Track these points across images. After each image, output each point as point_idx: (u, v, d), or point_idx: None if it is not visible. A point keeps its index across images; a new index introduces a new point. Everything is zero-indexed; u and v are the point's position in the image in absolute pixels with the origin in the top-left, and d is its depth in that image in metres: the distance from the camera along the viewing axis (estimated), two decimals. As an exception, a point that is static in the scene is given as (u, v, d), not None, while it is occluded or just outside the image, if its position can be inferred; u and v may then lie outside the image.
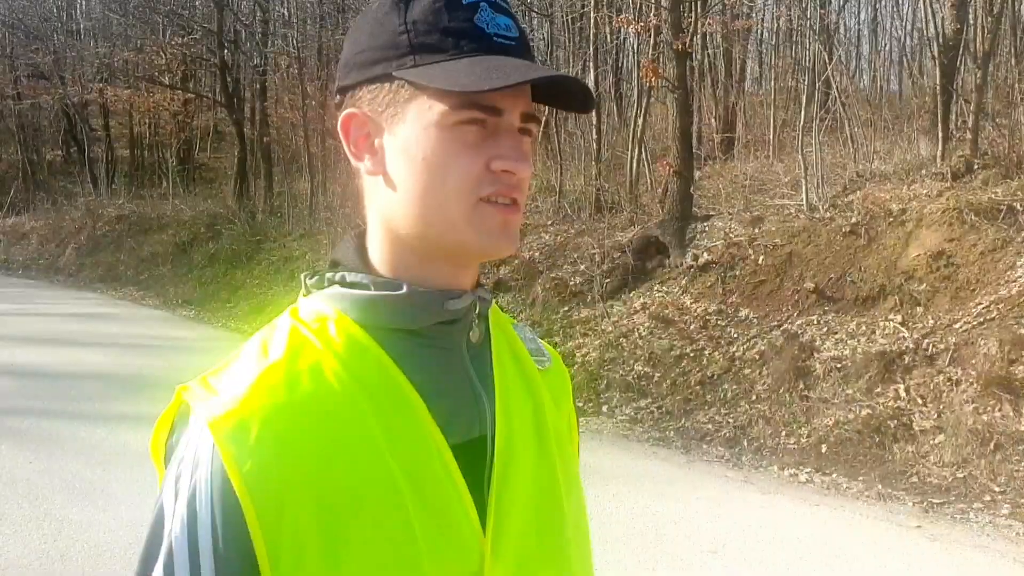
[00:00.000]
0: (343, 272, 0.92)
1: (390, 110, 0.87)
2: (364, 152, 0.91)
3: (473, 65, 0.83)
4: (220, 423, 0.80)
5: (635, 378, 7.70)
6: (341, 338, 0.88)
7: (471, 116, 0.84)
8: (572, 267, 9.75)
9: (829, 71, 10.63)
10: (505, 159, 0.85)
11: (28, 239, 18.68)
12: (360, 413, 0.84)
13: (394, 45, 0.86)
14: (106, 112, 23.63)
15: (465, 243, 0.87)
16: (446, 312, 0.90)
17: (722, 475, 5.71)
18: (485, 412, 0.92)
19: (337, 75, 0.94)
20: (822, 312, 7.56)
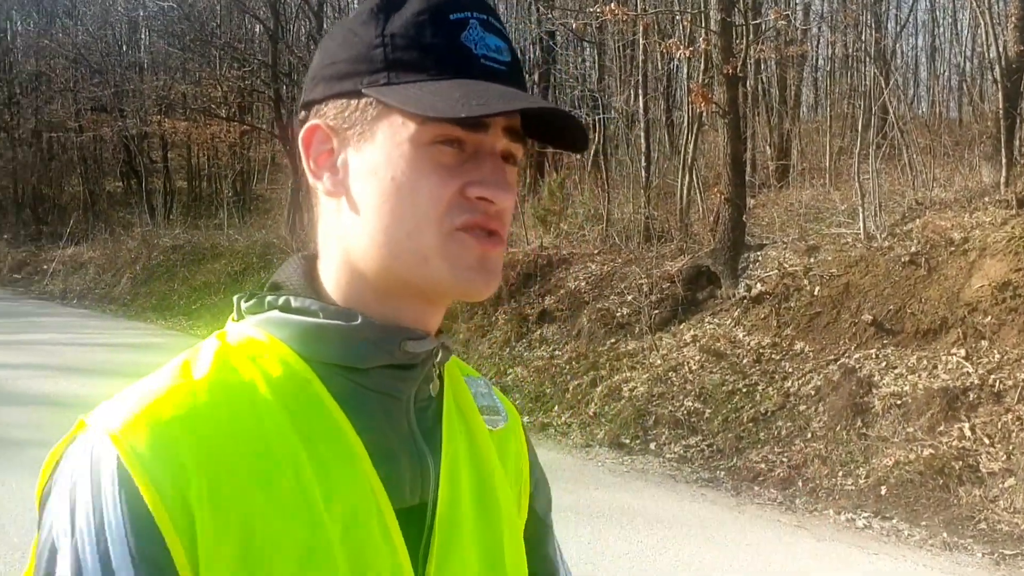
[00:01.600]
0: (287, 296, 0.80)
1: (357, 127, 0.77)
2: (324, 170, 0.80)
3: (452, 89, 0.73)
4: (125, 433, 0.68)
5: (685, 414, 7.44)
6: (275, 365, 0.76)
7: (448, 133, 0.74)
8: (619, 298, 9.52)
9: (886, 96, 10.31)
10: (484, 185, 0.75)
11: (86, 269, 19.03)
12: (293, 454, 0.72)
13: (367, 59, 0.76)
14: (165, 144, 24.10)
15: (436, 279, 0.76)
16: (403, 354, 0.79)
17: (774, 520, 5.41)
18: (429, 476, 0.80)
19: (304, 88, 0.84)
20: (881, 346, 7.22)
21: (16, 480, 5.61)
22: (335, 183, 0.79)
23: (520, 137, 0.79)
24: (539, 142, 0.83)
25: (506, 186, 0.76)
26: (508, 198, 0.77)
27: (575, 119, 0.79)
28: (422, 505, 0.79)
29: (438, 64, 0.75)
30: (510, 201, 0.77)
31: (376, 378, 0.78)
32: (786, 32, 13.38)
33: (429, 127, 0.74)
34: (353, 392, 0.77)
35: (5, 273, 20.40)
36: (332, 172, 0.79)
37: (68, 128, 24.28)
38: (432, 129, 0.74)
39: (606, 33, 15.91)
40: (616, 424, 7.52)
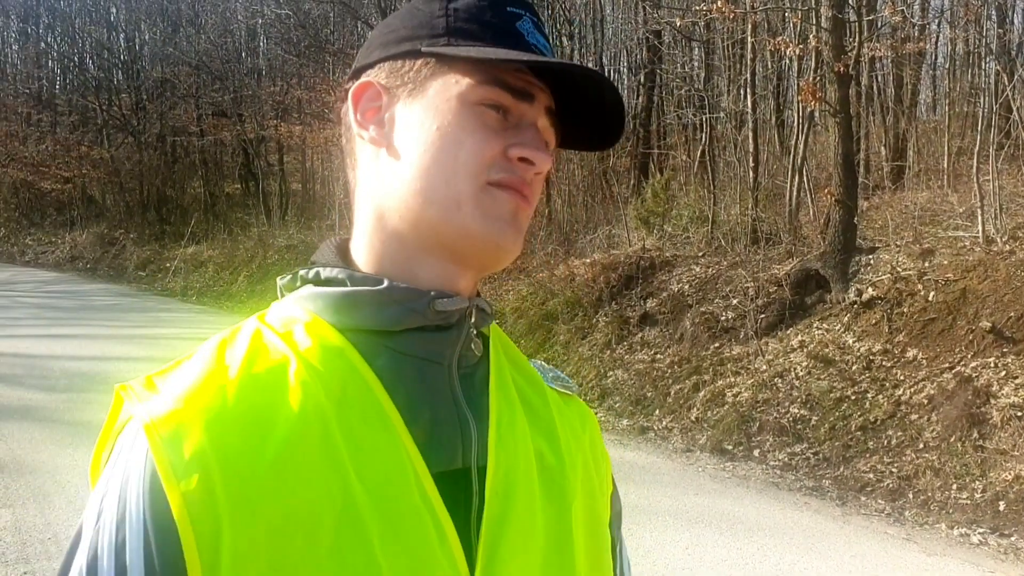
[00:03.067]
0: (317, 268, 0.83)
1: (409, 85, 0.81)
2: (370, 123, 0.84)
3: (509, 51, 0.78)
4: (157, 426, 0.70)
5: (790, 421, 7.26)
6: (311, 341, 0.77)
7: (498, 96, 0.79)
8: (724, 301, 9.36)
9: (1009, 94, 9.83)
10: (525, 147, 0.79)
11: (205, 267, 19.79)
12: (324, 426, 0.72)
13: (429, 26, 0.82)
14: (280, 147, 24.87)
15: (467, 227, 0.78)
16: (434, 314, 0.79)
17: (881, 532, 5.22)
18: (471, 441, 0.79)
19: (357, 58, 0.87)
20: (1000, 354, 6.89)
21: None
22: (380, 134, 0.83)
23: (556, 123, 0.84)
24: (567, 146, 0.88)
25: (546, 151, 0.80)
26: (547, 161, 0.80)
27: (620, 104, 0.83)
28: (466, 471, 0.78)
29: (495, 37, 0.80)
30: (548, 163, 0.80)
31: (412, 342, 0.79)
32: (903, 29, 12.88)
33: (481, 88, 0.78)
34: (389, 358, 0.78)
35: (131, 271, 21.40)
36: (378, 125, 0.83)
37: (190, 132, 25.35)
38: (484, 90, 0.78)
39: (713, 32, 15.67)
40: (719, 430, 7.40)
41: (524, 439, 0.83)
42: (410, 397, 0.77)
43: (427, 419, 0.77)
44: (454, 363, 0.81)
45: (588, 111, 0.84)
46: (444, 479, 0.75)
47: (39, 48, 33.14)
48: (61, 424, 7.00)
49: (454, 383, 0.81)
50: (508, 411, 0.83)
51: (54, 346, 10.75)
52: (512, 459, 0.80)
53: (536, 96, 0.81)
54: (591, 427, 0.95)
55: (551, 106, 0.83)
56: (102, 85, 28.62)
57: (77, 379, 8.70)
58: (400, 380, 0.77)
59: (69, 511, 5.05)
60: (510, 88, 0.79)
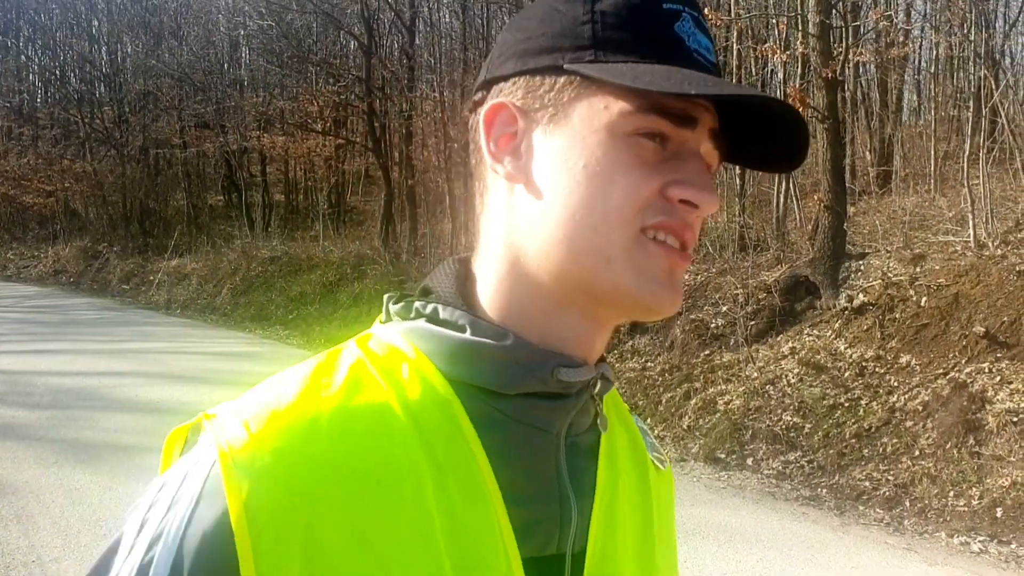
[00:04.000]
0: (436, 305, 0.73)
1: (550, 109, 0.70)
2: (506, 154, 0.72)
3: (668, 71, 0.66)
4: (234, 451, 0.62)
5: (783, 429, 7.20)
6: (418, 388, 0.68)
7: (655, 124, 0.67)
8: (714, 308, 9.32)
9: (996, 98, 9.85)
10: (687, 186, 0.68)
11: (189, 280, 19.64)
12: (419, 491, 0.64)
13: (572, 34, 0.69)
14: (263, 158, 24.76)
15: (619, 287, 0.68)
16: (555, 382, 0.70)
17: (881, 541, 5.17)
18: (570, 522, 0.70)
19: (485, 68, 0.76)
20: (994, 360, 6.86)
21: (123, 486, 5.78)
22: (517, 168, 0.72)
23: (721, 144, 0.72)
24: (737, 163, 0.76)
25: (713, 190, 0.69)
26: (713, 203, 0.69)
27: (800, 119, 0.70)
28: (560, 557, 0.70)
29: (651, 48, 0.68)
30: (715, 206, 0.69)
31: (524, 407, 0.70)
32: (887, 34, 12.93)
33: (635, 116, 0.67)
34: (496, 421, 0.69)
35: (114, 284, 21.22)
36: (514, 156, 0.72)
37: (173, 144, 25.17)
38: (638, 119, 0.67)
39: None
40: (711, 438, 7.33)
41: (625, 518, 0.76)
42: (512, 469, 0.69)
43: (528, 496, 0.69)
44: (563, 432, 0.72)
45: (759, 128, 0.72)
46: (535, 565, 0.68)
47: (20, 61, 32.91)
48: (45, 442, 6.86)
49: (560, 455, 0.72)
50: (613, 487, 0.76)
51: (37, 362, 10.59)
52: (612, 542, 0.73)
53: (700, 119, 0.69)
54: (673, 502, 0.88)
55: (715, 127, 0.71)
56: (84, 98, 28.40)
57: (61, 395, 8.56)
58: (505, 450, 0.69)
59: (53, 532, 4.94)
60: (669, 114, 0.67)
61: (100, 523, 5.09)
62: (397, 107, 19.74)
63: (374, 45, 19.62)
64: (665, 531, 0.82)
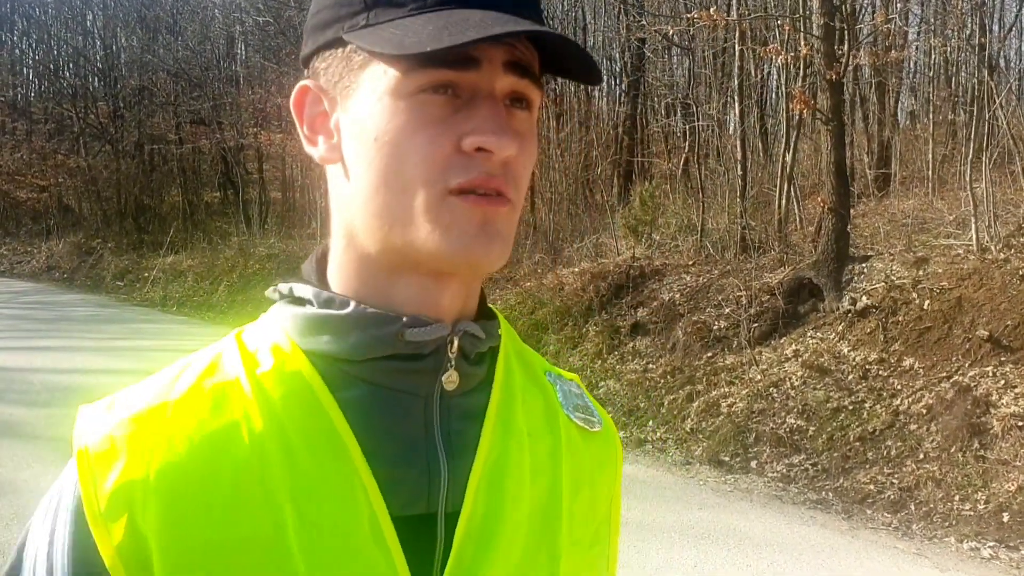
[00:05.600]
0: (292, 284, 0.76)
1: (344, 80, 0.70)
2: (319, 134, 0.74)
3: (427, 22, 0.64)
4: (88, 452, 0.68)
5: (787, 432, 7.19)
6: (270, 363, 0.71)
7: (434, 78, 0.65)
8: (716, 310, 9.30)
9: (999, 102, 9.86)
10: (479, 132, 0.65)
11: (185, 277, 19.54)
12: (261, 454, 0.66)
13: (347, 1, 0.69)
14: (260, 156, 24.67)
15: (430, 248, 0.67)
16: (403, 343, 0.70)
17: (891, 546, 5.14)
18: (439, 482, 0.70)
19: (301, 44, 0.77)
20: (998, 363, 6.86)
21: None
22: (330, 148, 0.73)
23: (529, 74, 0.68)
24: (552, 74, 0.72)
25: (508, 131, 0.65)
26: (510, 144, 0.65)
27: (574, 44, 0.67)
28: (431, 516, 0.70)
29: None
30: (513, 148, 0.66)
31: (379, 371, 0.70)
32: (884, 37, 12.94)
33: (413, 75, 0.65)
34: (354, 387, 0.70)
35: (109, 280, 21.10)
36: (327, 136, 0.73)
37: (169, 141, 25.07)
38: (417, 76, 0.65)
39: (699, 40, 15.67)
40: (715, 441, 7.32)
41: (519, 479, 0.73)
42: (376, 432, 0.69)
43: (392, 456, 0.69)
44: (435, 395, 0.72)
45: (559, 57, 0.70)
46: (406, 523, 0.68)
47: (13, 55, 32.73)
48: (43, 440, 6.80)
49: (430, 417, 0.71)
50: (501, 447, 0.73)
51: (33, 359, 10.52)
52: (496, 502, 0.71)
53: (482, 58, 0.65)
54: (610, 470, 0.84)
55: (516, 58, 0.67)
56: (79, 93, 28.28)
57: (58, 393, 8.49)
58: (367, 413, 0.69)
59: (56, 533, 4.89)
60: (447, 62, 0.64)
61: (103, 523, 5.05)
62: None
63: (372, 43, 19.55)
64: (590, 496, 0.79)
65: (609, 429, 0.85)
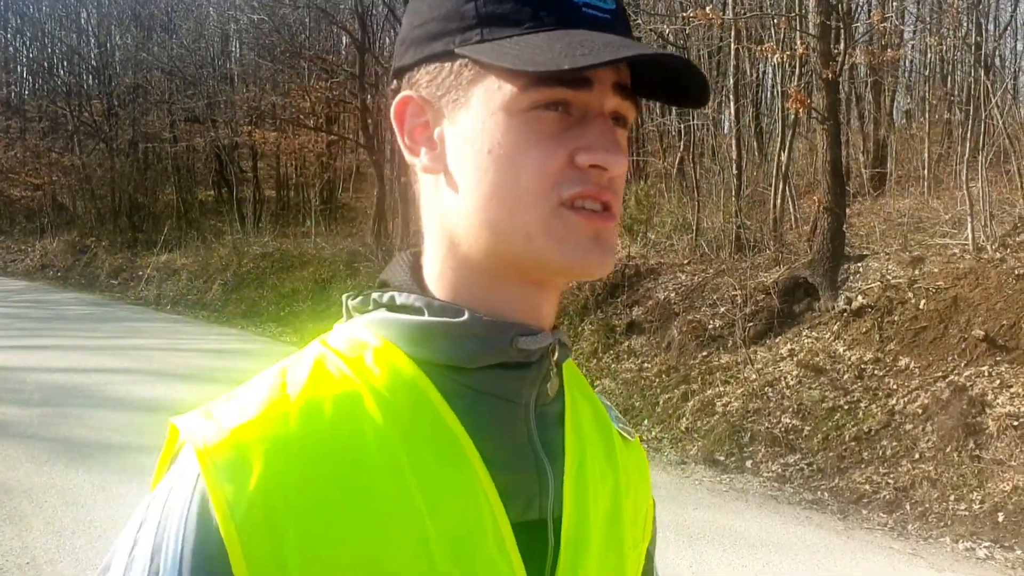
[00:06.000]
0: (392, 292, 0.75)
1: (451, 94, 0.71)
2: (421, 145, 0.75)
3: (552, 41, 0.66)
4: (212, 453, 0.64)
5: (782, 431, 7.17)
6: (381, 370, 0.71)
7: (550, 96, 0.67)
8: (711, 309, 9.28)
9: (995, 101, 9.86)
10: (593, 150, 0.68)
11: (179, 275, 19.49)
12: (394, 462, 0.66)
13: (459, 15, 0.70)
14: (254, 154, 24.61)
15: (544, 259, 0.69)
16: (515, 352, 0.72)
17: (886, 546, 5.13)
18: (548, 489, 0.73)
19: (394, 55, 0.78)
20: (994, 363, 6.85)
21: (114, 485, 5.70)
22: (433, 159, 0.73)
23: (631, 95, 0.71)
24: (652, 99, 0.75)
25: (618, 149, 0.69)
26: (621, 163, 0.69)
27: (695, 67, 0.69)
28: (542, 522, 0.72)
29: (534, 15, 0.68)
30: (623, 166, 0.69)
31: (489, 380, 0.72)
32: (880, 36, 12.93)
33: (528, 92, 0.67)
34: (465, 395, 0.71)
35: (103, 279, 21.04)
36: (429, 147, 0.74)
37: (163, 139, 24.98)
38: (532, 93, 0.67)
39: (692, 39, 15.65)
40: (710, 440, 7.30)
41: (595, 485, 0.77)
42: (489, 439, 0.70)
43: (507, 463, 0.71)
44: (532, 402, 0.74)
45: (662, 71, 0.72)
46: (522, 529, 0.70)
47: (7, 53, 32.61)
48: (37, 440, 6.77)
49: (531, 424, 0.74)
50: (581, 454, 0.77)
51: (27, 358, 10.46)
52: (584, 507, 0.75)
53: (595, 78, 0.68)
54: (646, 476, 0.90)
55: (621, 80, 0.70)
56: (73, 91, 28.17)
57: (52, 392, 8.45)
58: (478, 420, 0.71)
59: (47, 533, 4.86)
60: (563, 81, 0.66)
61: (94, 524, 5.02)
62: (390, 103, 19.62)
63: (368, 41, 19.52)
64: (634, 500, 0.84)
65: (637, 439, 0.90)
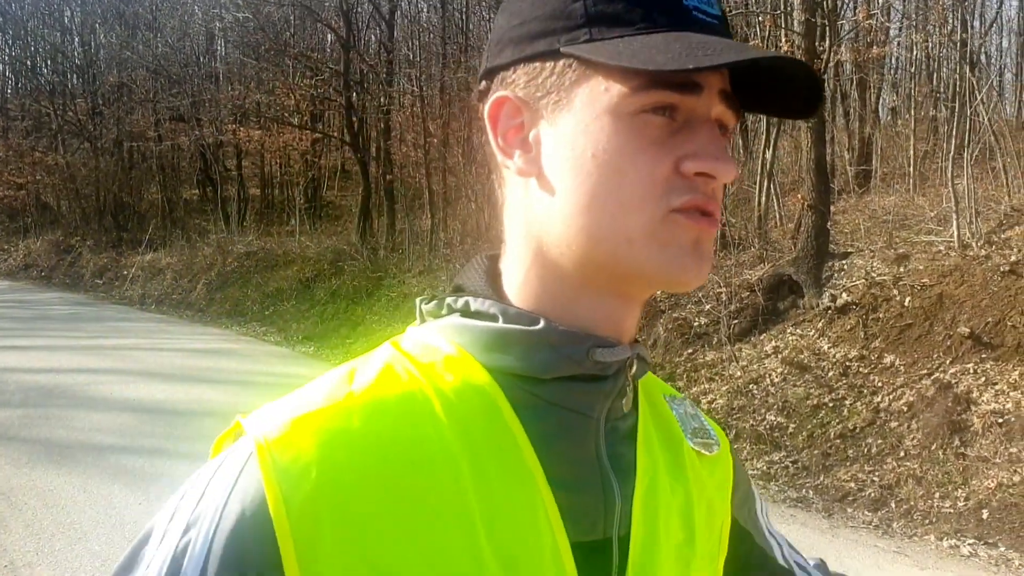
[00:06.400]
0: (467, 298, 0.72)
1: (552, 96, 0.68)
2: (515, 147, 0.71)
3: (668, 41, 0.63)
4: (269, 440, 0.62)
5: (767, 429, 7.17)
6: (453, 376, 0.69)
7: (659, 99, 0.64)
8: (696, 306, 9.27)
9: (981, 98, 9.88)
10: (702, 158, 0.65)
11: (163, 275, 19.38)
12: (455, 471, 0.64)
13: (564, 14, 0.67)
14: (239, 152, 24.49)
15: (644, 265, 0.67)
16: (591, 364, 0.69)
17: (871, 544, 5.13)
18: (615, 507, 0.70)
19: (485, 55, 0.75)
20: (979, 360, 6.86)
21: (97, 485, 5.65)
22: (527, 161, 0.70)
23: (735, 102, 0.69)
24: (755, 111, 0.73)
25: (727, 157, 0.67)
26: (731, 170, 0.66)
27: (812, 72, 0.67)
28: (607, 542, 0.69)
29: (646, 16, 0.65)
30: (734, 173, 0.67)
31: (562, 391, 0.69)
32: (866, 33, 12.96)
33: (637, 95, 0.64)
34: (536, 406, 0.68)
35: (88, 279, 20.92)
36: (523, 149, 0.71)
37: (148, 137, 24.82)
38: (641, 96, 0.64)
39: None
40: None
41: (666, 504, 0.75)
42: (555, 454, 0.68)
43: (571, 481, 0.68)
44: (603, 417, 0.71)
45: (771, 79, 0.69)
46: (582, 550, 0.67)
47: (-10, 51, 32.34)
48: (17, 442, 6.69)
49: (600, 439, 0.71)
50: (653, 471, 0.75)
51: (8, 358, 10.36)
52: (654, 528, 0.72)
53: (705, 84, 0.66)
54: (726, 491, 0.86)
55: (725, 88, 0.68)
56: (56, 89, 27.97)
57: (33, 393, 8.37)
58: (546, 433, 0.68)
59: (26, 535, 4.80)
60: (673, 85, 0.64)
61: (75, 526, 4.96)
62: (375, 101, 19.58)
63: (352, 38, 19.45)
64: (708, 514, 0.81)
65: (724, 448, 0.86)
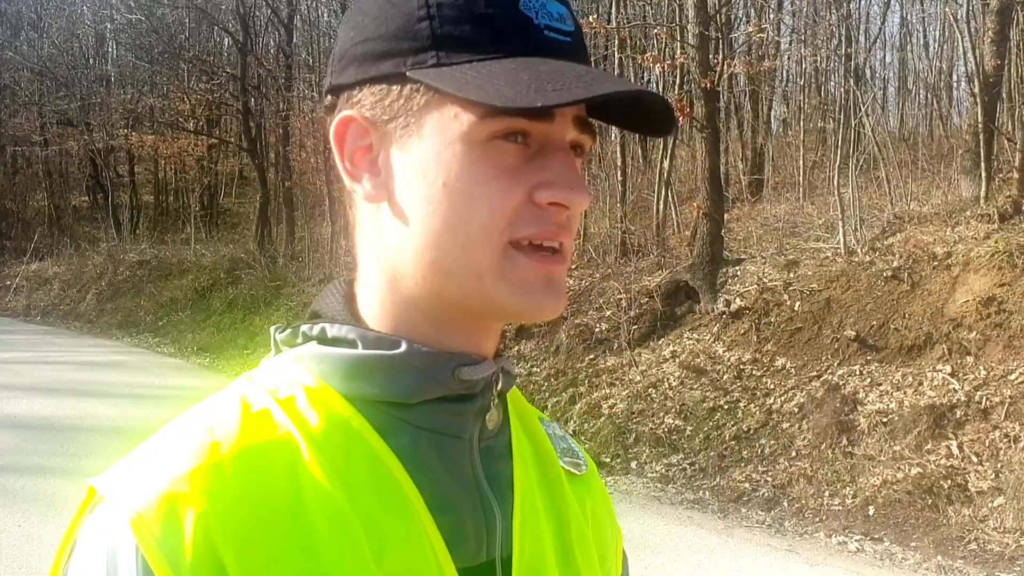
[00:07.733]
0: (323, 324, 0.69)
1: (400, 120, 0.65)
2: (363, 171, 0.68)
3: (517, 70, 0.61)
4: (145, 519, 0.57)
5: (665, 432, 7.29)
6: (317, 413, 0.65)
7: (510, 126, 0.62)
8: (597, 313, 9.38)
9: (865, 109, 10.30)
10: (555, 187, 0.63)
11: (50, 285, 18.64)
12: (335, 508, 0.61)
13: (411, 35, 0.64)
14: (131, 158, 23.74)
15: (496, 301, 0.65)
16: (457, 383, 0.67)
17: (764, 543, 5.26)
18: (495, 528, 0.68)
19: (329, 69, 0.71)
20: (864, 362, 7.12)
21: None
22: (376, 186, 0.67)
23: (590, 126, 0.67)
24: (612, 124, 0.71)
25: (581, 186, 0.64)
26: (584, 200, 0.64)
27: (662, 99, 0.66)
28: (490, 564, 0.67)
29: (495, 39, 0.63)
30: (585, 203, 0.65)
31: (430, 414, 0.67)
32: (758, 47, 13.37)
33: (488, 121, 0.62)
34: (405, 432, 0.66)
35: (-34, 289, 19.94)
36: (372, 172, 0.67)
37: (33, 142, 23.86)
38: (492, 123, 0.62)
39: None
40: (596, 442, 7.36)
41: (549, 521, 0.73)
42: (431, 479, 0.66)
43: (451, 504, 0.66)
44: (475, 436, 0.69)
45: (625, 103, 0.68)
46: (469, 575, 0.66)
47: None
48: None
49: (475, 459, 0.69)
50: (531, 488, 0.73)
51: None
52: (536, 546, 0.70)
53: (559, 111, 0.64)
54: (609, 507, 0.85)
55: (580, 114, 0.66)
56: (-68, 91, 26.60)
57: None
58: (420, 460, 0.66)
59: None
60: (524, 111, 0.61)
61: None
62: (274, 106, 19.22)
63: (250, 42, 19.06)
64: (597, 533, 0.79)
65: (592, 470, 0.85)
